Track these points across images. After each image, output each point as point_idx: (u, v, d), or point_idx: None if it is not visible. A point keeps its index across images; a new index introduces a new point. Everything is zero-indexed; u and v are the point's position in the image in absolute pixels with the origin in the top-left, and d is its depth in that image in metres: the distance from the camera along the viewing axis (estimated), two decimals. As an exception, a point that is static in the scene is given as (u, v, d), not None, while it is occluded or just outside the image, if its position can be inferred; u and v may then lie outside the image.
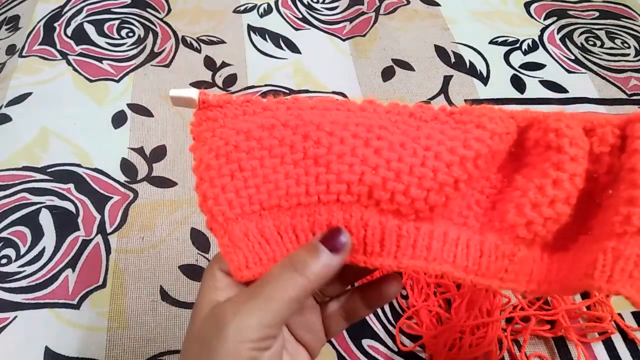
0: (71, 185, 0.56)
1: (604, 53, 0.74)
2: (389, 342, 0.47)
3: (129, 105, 0.64)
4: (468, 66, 0.71)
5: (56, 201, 0.54)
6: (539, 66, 0.71)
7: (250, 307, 0.26)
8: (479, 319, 0.46)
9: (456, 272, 0.27)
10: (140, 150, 0.59)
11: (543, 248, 0.28)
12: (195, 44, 0.71)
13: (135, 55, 0.69)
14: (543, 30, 0.76)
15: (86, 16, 0.74)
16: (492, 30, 0.76)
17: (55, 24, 0.72)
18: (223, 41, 0.72)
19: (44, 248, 0.51)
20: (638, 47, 0.75)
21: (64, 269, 0.50)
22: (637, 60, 0.73)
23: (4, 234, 0.52)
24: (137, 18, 0.74)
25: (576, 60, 0.72)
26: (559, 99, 0.67)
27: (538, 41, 0.75)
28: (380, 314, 0.49)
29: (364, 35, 0.74)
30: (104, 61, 0.68)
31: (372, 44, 0.73)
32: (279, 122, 0.28)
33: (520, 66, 0.71)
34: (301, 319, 0.32)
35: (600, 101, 0.67)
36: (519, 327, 0.48)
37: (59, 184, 0.56)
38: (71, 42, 0.70)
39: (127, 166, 0.58)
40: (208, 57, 0.70)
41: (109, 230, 0.53)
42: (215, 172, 0.28)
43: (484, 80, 0.69)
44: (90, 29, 0.72)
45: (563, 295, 0.47)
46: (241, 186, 0.28)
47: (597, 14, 0.80)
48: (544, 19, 0.78)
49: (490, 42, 0.74)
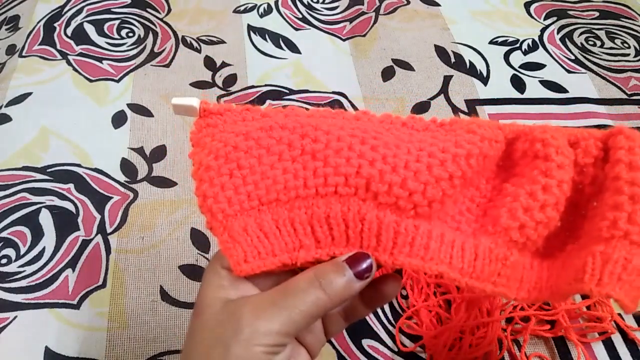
0: (71, 185, 0.56)
1: (604, 53, 0.74)
2: (389, 342, 0.47)
3: (129, 105, 0.64)
4: (468, 66, 0.71)
5: (56, 201, 0.54)
6: (539, 66, 0.71)
7: (272, 314, 0.26)
8: (479, 319, 0.46)
9: (452, 273, 0.28)
10: (140, 150, 0.59)
11: (533, 255, 0.29)
12: (195, 44, 0.71)
13: (135, 55, 0.69)
14: (543, 30, 0.76)
15: (86, 16, 0.74)
16: (492, 30, 0.76)
17: (55, 24, 0.72)
18: (223, 41, 0.72)
19: (44, 248, 0.51)
20: (638, 47, 0.75)
21: (64, 269, 0.50)
22: (637, 60, 0.73)
23: (4, 234, 0.52)
24: (137, 18, 0.74)
25: (576, 60, 0.72)
26: (559, 99, 0.67)
27: (538, 41, 0.75)
28: (380, 314, 0.49)
29: (364, 35, 0.74)
30: (104, 61, 0.68)
31: (372, 44, 0.73)
32: (277, 125, 0.29)
33: (520, 66, 0.71)
34: None
35: (600, 101, 0.67)
36: (519, 327, 0.48)
37: (59, 184, 0.56)
38: (71, 42, 0.70)
39: (127, 166, 0.58)
40: (208, 57, 0.70)
41: (109, 230, 0.53)
42: (215, 172, 0.28)
43: (484, 80, 0.69)
44: (90, 29, 0.72)
45: (553, 302, 0.47)
46: (239, 183, 0.28)
47: (597, 14, 0.80)
48: (544, 19, 0.78)
49: (490, 42, 0.74)
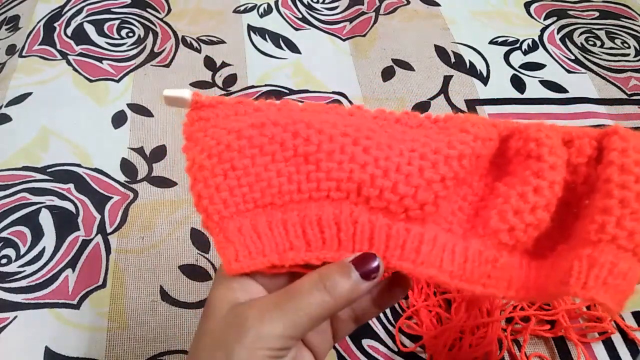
0: (71, 185, 0.56)
1: (604, 53, 0.74)
2: (389, 342, 0.47)
3: (129, 105, 0.64)
4: (468, 66, 0.71)
5: (56, 201, 0.54)
6: (539, 66, 0.71)
7: (275, 317, 0.26)
8: (479, 319, 0.46)
9: (441, 277, 0.27)
10: (140, 150, 0.59)
11: (523, 255, 0.29)
12: (195, 44, 0.71)
13: (135, 55, 0.69)
14: (543, 30, 0.76)
15: (86, 16, 0.74)
16: (492, 30, 0.76)
17: (55, 24, 0.72)
18: (223, 41, 0.72)
19: (44, 248, 0.51)
20: (638, 47, 0.75)
21: (64, 269, 0.50)
22: (637, 60, 0.73)
23: (4, 234, 0.52)
24: (137, 18, 0.74)
25: (576, 60, 0.72)
26: (559, 99, 0.67)
27: (538, 41, 0.75)
28: (380, 314, 0.49)
29: (364, 35, 0.74)
30: (104, 61, 0.68)
31: (372, 44, 0.73)
32: (269, 121, 0.29)
33: (520, 66, 0.71)
34: None
35: (600, 101, 0.67)
36: (519, 327, 0.48)
37: (59, 184, 0.56)
38: (71, 42, 0.70)
39: (127, 166, 0.58)
40: (208, 57, 0.70)
41: (109, 230, 0.53)
42: (209, 172, 0.28)
43: (484, 80, 0.69)
44: (90, 29, 0.72)
45: (540, 301, 0.47)
46: (234, 185, 0.28)
47: (597, 14, 0.80)
48: (544, 19, 0.78)
49: (490, 42, 0.74)
